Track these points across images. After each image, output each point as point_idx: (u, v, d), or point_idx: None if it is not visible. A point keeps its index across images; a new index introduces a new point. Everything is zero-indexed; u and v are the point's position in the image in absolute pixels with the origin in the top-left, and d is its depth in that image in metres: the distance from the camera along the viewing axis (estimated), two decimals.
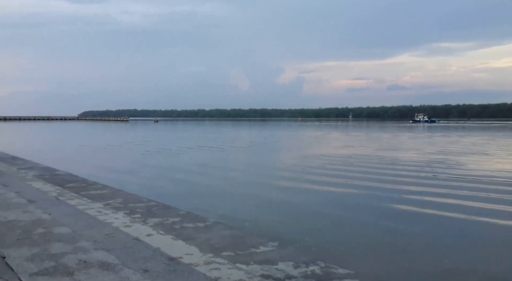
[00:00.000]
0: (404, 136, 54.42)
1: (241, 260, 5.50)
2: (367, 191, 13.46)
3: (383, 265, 6.80)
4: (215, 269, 5.02)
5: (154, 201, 9.76)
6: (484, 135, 54.12)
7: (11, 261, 4.62)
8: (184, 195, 13.17)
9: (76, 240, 5.49)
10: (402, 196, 12.56)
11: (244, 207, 11.56)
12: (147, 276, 4.49)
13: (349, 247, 7.76)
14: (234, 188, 14.77)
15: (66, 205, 8.62)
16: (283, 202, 12.09)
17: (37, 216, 6.82)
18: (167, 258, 5.31)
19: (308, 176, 16.91)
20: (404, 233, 8.80)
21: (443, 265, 6.77)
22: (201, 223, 7.62)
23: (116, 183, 13.46)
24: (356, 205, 11.59)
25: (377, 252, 7.57)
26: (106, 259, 4.69)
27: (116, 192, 10.80)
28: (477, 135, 55.81)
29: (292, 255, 5.92)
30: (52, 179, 12.60)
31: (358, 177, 16.49)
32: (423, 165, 20.38)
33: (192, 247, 5.99)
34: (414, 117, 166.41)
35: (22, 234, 5.71)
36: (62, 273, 4.25)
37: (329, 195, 13.07)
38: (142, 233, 6.60)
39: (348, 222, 9.77)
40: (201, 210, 9.83)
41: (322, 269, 5.24)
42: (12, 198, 8.36)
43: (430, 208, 10.87)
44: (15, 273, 4.27)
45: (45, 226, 6.16)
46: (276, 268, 5.22)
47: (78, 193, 10.22)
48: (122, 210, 8.41)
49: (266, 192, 13.80)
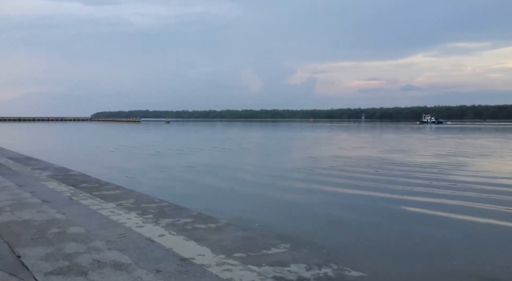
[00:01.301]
0: (407, 137, 53.86)
1: (253, 261, 5.49)
2: (376, 193, 13.36)
3: (396, 267, 6.73)
4: (227, 271, 5.02)
5: (166, 201, 9.80)
6: (489, 137, 53.37)
7: (26, 260, 4.68)
8: (195, 195, 13.21)
9: (89, 240, 5.54)
10: (411, 199, 12.44)
11: (254, 208, 11.55)
12: (160, 276, 4.50)
13: (362, 250, 7.70)
14: (244, 189, 14.76)
15: (79, 205, 8.71)
16: (294, 204, 12.05)
17: (52, 216, 6.90)
18: (179, 258, 5.33)
19: (317, 178, 16.85)
20: (416, 236, 8.71)
21: (455, 267, 6.69)
22: (213, 224, 7.62)
23: (128, 184, 13.56)
24: (367, 207, 11.50)
25: (389, 254, 7.50)
26: (119, 259, 4.73)
27: (128, 193, 10.88)
28: (479, 136, 55.05)
29: (304, 257, 5.89)
30: (66, 180, 12.74)
31: (365, 178, 16.39)
32: (424, 167, 20.16)
33: (204, 248, 6.00)
34: (422, 118, 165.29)
35: (37, 234, 5.78)
36: (76, 272, 4.29)
37: (339, 196, 13.00)
38: (155, 233, 6.63)
39: (360, 224, 9.70)
40: (211, 210, 9.85)
41: (335, 271, 5.20)
42: (27, 198, 8.47)
43: (440, 211, 10.76)
44: (30, 272, 4.32)
45: (59, 225, 6.23)
46: (288, 270, 5.20)
47: (91, 193, 10.32)
48: (134, 211, 8.46)
49: (277, 193, 13.76)
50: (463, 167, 20.21)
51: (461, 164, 21.72)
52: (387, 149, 32.56)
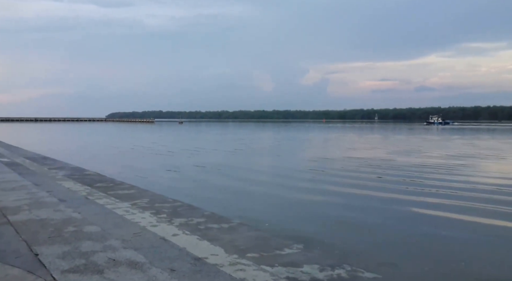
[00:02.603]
0: (409, 138, 53.33)
1: (266, 262, 5.51)
2: (387, 194, 13.28)
3: (410, 269, 6.69)
4: (240, 270, 5.05)
5: (179, 201, 9.88)
6: (494, 138, 52.56)
7: (43, 258, 4.77)
8: (207, 195, 13.29)
9: (105, 238, 5.62)
10: (421, 199, 12.34)
11: (264, 208, 11.59)
12: (174, 275, 4.55)
13: (375, 251, 7.67)
14: (254, 188, 14.79)
15: (95, 205, 8.84)
16: (304, 204, 12.04)
17: (68, 214, 7.02)
18: (193, 258, 5.38)
19: (327, 178, 16.80)
20: (430, 237, 8.64)
21: (468, 269, 6.62)
22: (226, 224, 7.66)
23: (142, 183, 13.69)
24: (379, 208, 11.44)
25: (403, 256, 7.45)
26: (134, 257, 4.79)
27: (142, 192, 10.99)
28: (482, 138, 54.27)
29: (317, 257, 5.88)
30: (81, 179, 12.93)
31: (374, 179, 16.28)
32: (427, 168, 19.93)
33: (217, 247, 6.03)
34: (429, 119, 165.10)
35: (53, 232, 5.89)
36: (92, 271, 4.36)
37: (351, 198, 12.93)
38: (168, 233, 6.70)
39: (373, 225, 9.65)
40: (222, 208, 9.90)
41: (348, 272, 5.19)
42: (44, 197, 8.62)
43: (451, 212, 10.66)
44: (47, 270, 4.41)
45: (76, 224, 6.34)
46: (301, 270, 5.21)
47: (106, 193, 10.46)
48: (148, 210, 8.55)
49: (287, 193, 13.76)
50: (459, 169, 19.94)
51: (458, 165, 21.44)
52: (393, 150, 32.35)
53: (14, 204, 7.70)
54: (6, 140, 34.74)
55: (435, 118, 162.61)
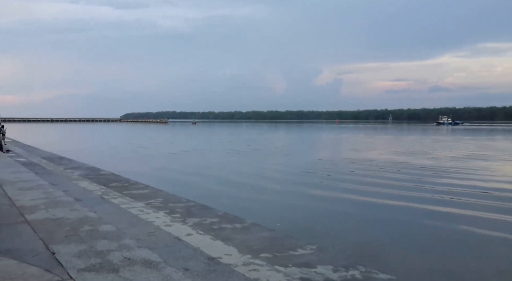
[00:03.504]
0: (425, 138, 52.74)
1: (280, 262, 5.50)
2: (399, 195, 13.17)
3: (425, 271, 6.61)
4: (254, 271, 5.05)
5: (193, 201, 9.92)
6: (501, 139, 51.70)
7: (60, 257, 4.84)
8: (221, 195, 13.34)
9: (120, 237, 5.67)
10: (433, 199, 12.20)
11: (278, 208, 11.58)
12: (188, 275, 4.58)
13: (389, 252, 7.60)
14: (268, 189, 14.79)
15: (110, 204, 8.94)
16: (317, 206, 12.01)
17: (84, 214, 7.11)
18: (207, 258, 5.40)
19: (338, 180, 16.71)
20: (444, 239, 8.53)
21: (484, 270, 6.52)
22: (239, 224, 7.67)
23: (157, 183, 13.79)
24: (391, 209, 11.35)
25: (417, 257, 7.37)
26: (149, 257, 4.83)
27: (156, 192, 11.07)
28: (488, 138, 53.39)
29: (331, 258, 5.85)
30: (97, 179, 13.08)
31: (383, 181, 16.14)
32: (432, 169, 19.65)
33: (230, 247, 6.05)
34: (439, 120, 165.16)
35: (70, 231, 5.97)
36: (108, 269, 4.41)
37: (363, 200, 12.85)
38: (182, 232, 6.73)
39: (386, 227, 9.57)
40: (235, 207, 9.91)
41: (363, 273, 5.15)
42: (60, 196, 8.74)
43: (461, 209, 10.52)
44: (64, 268, 4.47)
45: (91, 223, 6.41)
46: (315, 271, 5.19)
47: (121, 193, 10.56)
48: (162, 210, 8.61)
49: (302, 195, 13.73)
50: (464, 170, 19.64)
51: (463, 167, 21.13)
52: (401, 151, 32.03)
53: (31, 203, 7.82)
54: (23, 140, 35.34)
55: (445, 118, 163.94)
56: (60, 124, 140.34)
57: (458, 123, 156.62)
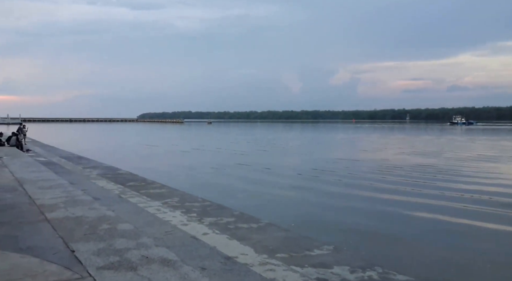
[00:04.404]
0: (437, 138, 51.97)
1: (296, 262, 5.50)
2: (413, 197, 13.00)
3: (443, 272, 6.52)
4: (270, 270, 5.05)
5: (209, 201, 9.99)
6: None
7: (79, 255, 4.92)
8: (235, 196, 13.38)
9: (138, 236, 5.74)
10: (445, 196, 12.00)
11: (292, 208, 11.57)
12: (205, 273, 4.61)
13: (407, 254, 7.52)
14: (282, 189, 14.77)
15: (127, 203, 9.05)
16: (332, 206, 11.95)
17: (102, 212, 7.21)
18: (223, 257, 5.42)
19: (352, 180, 16.58)
20: (462, 240, 8.40)
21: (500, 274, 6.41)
22: (255, 224, 7.70)
23: (172, 182, 13.91)
24: (407, 210, 11.22)
25: (435, 258, 7.27)
26: (166, 255, 4.88)
27: (173, 191, 11.17)
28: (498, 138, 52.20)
29: (347, 259, 5.83)
30: (114, 178, 13.26)
31: (397, 182, 15.96)
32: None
33: (246, 247, 6.07)
34: (452, 119, 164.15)
35: (89, 230, 6.06)
36: (127, 268, 4.46)
37: (380, 201, 12.72)
38: (199, 231, 6.79)
39: (403, 228, 9.47)
40: (248, 207, 9.93)
41: (380, 274, 5.11)
42: (79, 195, 8.89)
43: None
44: (83, 266, 4.54)
45: (110, 222, 6.50)
46: (331, 272, 5.17)
47: (138, 192, 10.69)
48: (179, 209, 8.69)
49: (317, 196, 13.68)
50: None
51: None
52: (414, 151, 31.64)
53: (51, 202, 7.97)
54: (43, 140, 36.02)
55: (459, 118, 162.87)
56: (78, 124, 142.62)
57: (472, 123, 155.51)
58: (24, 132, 27.36)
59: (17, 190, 9.30)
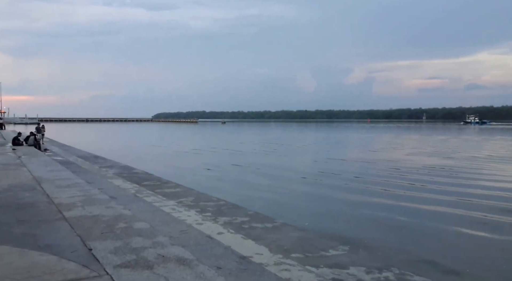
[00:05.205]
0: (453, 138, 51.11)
1: (311, 262, 5.48)
2: (426, 197, 12.85)
3: (461, 274, 6.42)
4: (285, 270, 5.04)
5: (223, 200, 10.02)
6: None
7: (97, 253, 4.98)
8: (248, 195, 13.39)
9: (154, 235, 5.79)
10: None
11: (307, 208, 11.52)
12: (221, 273, 4.63)
13: (424, 255, 7.42)
14: (296, 188, 14.74)
15: (143, 202, 9.14)
16: (348, 206, 11.86)
17: (119, 211, 7.28)
18: (238, 256, 5.43)
19: (366, 180, 16.45)
20: (481, 242, 8.26)
21: None
22: (269, 224, 7.69)
23: (187, 182, 13.99)
24: (421, 211, 11.08)
25: (453, 260, 7.16)
26: (182, 254, 4.90)
27: (187, 191, 11.24)
28: None
29: (363, 260, 5.78)
30: (130, 177, 13.39)
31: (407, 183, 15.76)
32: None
33: (261, 247, 6.07)
34: (466, 119, 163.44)
35: (105, 228, 6.13)
36: (143, 266, 4.50)
37: (396, 201, 12.60)
38: (214, 231, 6.81)
39: (418, 229, 9.35)
40: (263, 206, 9.93)
41: (397, 275, 5.06)
42: (96, 194, 8.99)
43: None
44: (101, 264, 4.59)
45: (126, 221, 6.56)
46: (347, 272, 5.14)
47: (153, 191, 10.78)
48: (194, 208, 8.74)
49: (333, 195, 13.62)
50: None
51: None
52: (426, 151, 31.19)
53: (68, 201, 8.08)
54: (60, 139, 36.57)
55: (472, 117, 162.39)
56: (95, 124, 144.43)
57: (486, 123, 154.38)
58: (42, 132, 27.80)
59: (35, 189, 9.46)
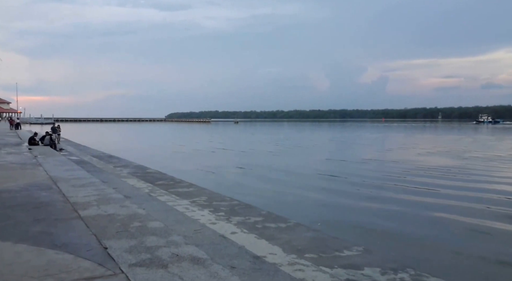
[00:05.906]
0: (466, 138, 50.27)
1: (325, 263, 5.45)
2: (441, 199, 12.68)
3: (476, 276, 6.33)
4: (299, 271, 5.02)
5: (236, 200, 10.03)
6: None
7: (112, 252, 5.02)
8: (262, 195, 13.40)
9: (168, 234, 5.82)
10: None
11: (319, 208, 11.48)
12: (235, 272, 4.63)
13: (439, 256, 7.33)
14: (308, 189, 14.69)
15: (157, 201, 9.20)
16: (362, 207, 11.78)
17: (133, 210, 7.34)
18: (252, 256, 5.42)
19: (377, 183, 16.31)
20: (493, 243, 8.12)
21: None
22: (283, 224, 7.67)
23: (200, 181, 14.04)
24: (435, 211, 10.94)
25: (467, 262, 7.06)
26: (196, 254, 4.92)
27: (201, 190, 11.27)
28: None
29: (378, 260, 5.72)
30: (144, 177, 13.49)
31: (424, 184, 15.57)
32: None
33: (275, 247, 6.05)
34: (478, 118, 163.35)
35: (120, 227, 6.18)
36: (157, 265, 4.53)
37: (411, 202, 12.46)
38: (227, 230, 6.82)
39: (434, 230, 9.24)
40: (275, 205, 9.91)
41: (412, 276, 5.00)
42: (111, 193, 9.08)
43: None
44: (116, 263, 4.63)
45: (140, 220, 6.61)
46: (362, 273, 5.09)
47: (167, 190, 10.84)
48: (207, 208, 8.76)
49: (345, 197, 13.53)
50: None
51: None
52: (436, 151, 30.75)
53: (84, 200, 8.17)
54: (75, 139, 37.04)
55: (485, 117, 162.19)
56: (109, 124, 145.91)
57: (499, 122, 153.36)
58: (58, 132, 28.19)
59: (51, 188, 9.59)
